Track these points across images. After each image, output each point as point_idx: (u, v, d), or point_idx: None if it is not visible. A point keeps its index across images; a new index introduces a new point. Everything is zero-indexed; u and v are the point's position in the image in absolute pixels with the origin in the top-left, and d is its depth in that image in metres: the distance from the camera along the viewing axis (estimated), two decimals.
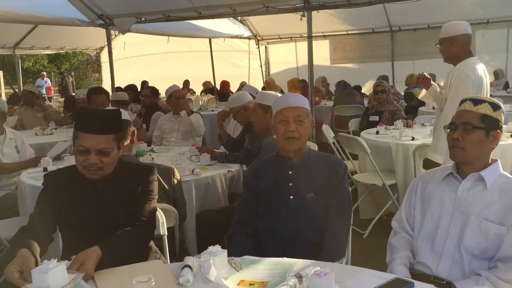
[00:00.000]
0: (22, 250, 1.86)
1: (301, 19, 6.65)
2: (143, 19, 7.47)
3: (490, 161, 2.11)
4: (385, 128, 5.21)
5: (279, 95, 3.34)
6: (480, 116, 2.05)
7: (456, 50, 3.65)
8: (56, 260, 1.67)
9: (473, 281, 1.94)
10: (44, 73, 19.65)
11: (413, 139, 4.52)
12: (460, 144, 2.06)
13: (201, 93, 13.26)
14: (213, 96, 11.87)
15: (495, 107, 2.07)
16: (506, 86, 10.48)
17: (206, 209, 3.42)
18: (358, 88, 9.89)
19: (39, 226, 2.12)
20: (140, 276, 1.56)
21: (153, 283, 1.55)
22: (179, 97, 5.12)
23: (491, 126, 2.06)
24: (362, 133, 5.12)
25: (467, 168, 2.11)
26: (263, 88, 10.90)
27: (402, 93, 10.16)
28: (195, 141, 5.06)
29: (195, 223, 3.32)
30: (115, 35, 10.77)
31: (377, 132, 5.00)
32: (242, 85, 11.89)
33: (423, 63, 11.49)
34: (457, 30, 3.66)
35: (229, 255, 1.93)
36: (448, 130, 2.13)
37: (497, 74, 10.95)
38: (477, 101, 2.08)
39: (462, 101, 2.14)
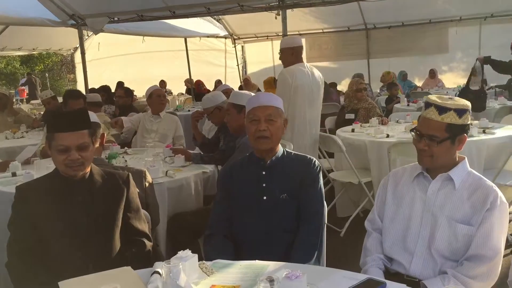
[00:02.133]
0: None
1: (275, 18, 6.66)
2: (116, 19, 7.36)
3: (457, 159, 2.11)
4: (361, 125, 5.23)
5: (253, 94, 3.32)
6: (445, 126, 2.01)
7: (294, 58, 4.44)
8: None
9: (439, 279, 1.95)
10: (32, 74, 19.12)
11: (388, 136, 4.54)
12: (427, 152, 2.05)
13: (185, 92, 13.12)
14: (190, 96, 11.79)
15: (461, 113, 2.01)
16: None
17: (181, 211, 3.37)
18: (334, 85, 9.91)
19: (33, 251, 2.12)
20: (105, 285, 1.51)
21: None
22: (159, 95, 5.05)
23: (457, 133, 2.03)
24: (337, 131, 5.13)
25: (435, 169, 2.11)
26: (240, 87, 10.87)
27: (378, 90, 10.25)
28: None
29: (169, 226, 3.26)
30: (88, 36, 10.60)
31: (353, 130, 5.01)
32: (217, 82, 11.86)
33: (398, 60, 11.62)
34: (295, 42, 4.50)
35: (206, 256, 1.91)
36: (413, 134, 2.12)
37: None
38: (442, 109, 2.00)
39: (427, 105, 2.07)
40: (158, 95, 5.00)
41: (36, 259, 2.12)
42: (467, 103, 2.05)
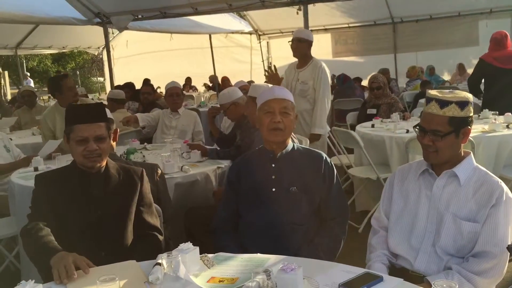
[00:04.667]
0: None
1: (297, 13, 6.63)
2: (140, 16, 7.47)
3: (462, 153, 2.08)
4: (381, 121, 5.17)
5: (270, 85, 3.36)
6: (447, 120, 1.98)
7: (309, 51, 4.82)
8: (33, 281, 1.67)
9: (444, 275, 1.92)
10: (28, 73, 19.29)
11: (407, 131, 4.46)
12: (432, 148, 2.03)
13: (208, 88, 13.22)
14: (215, 93, 11.87)
15: (463, 105, 1.98)
16: None
17: (195, 206, 3.41)
18: (358, 80, 9.80)
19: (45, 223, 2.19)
20: (104, 276, 1.56)
21: (117, 282, 1.55)
22: (172, 94, 5.09)
23: (460, 126, 2.00)
24: (357, 127, 5.08)
25: (440, 164, 2.09)
26: None
27: (404, 85, 10.08)
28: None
29: (183, 220, 3.31)
30: (114, 34, 10.76)
31: (373, 125, 4.96)
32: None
33: (426, 54, 11.39)
34: (312, 37, 4.85)
35: (216, 250, 1.96)
36: (417, 131, 2.09)
37: None
38: (443, 103, 1.98)
39: (428, 100, 2.04)
40: (171, 94, 5.04)
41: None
42: (468, 95, 2.02)
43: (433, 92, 2.06)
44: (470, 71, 11.25)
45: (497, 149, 4.03)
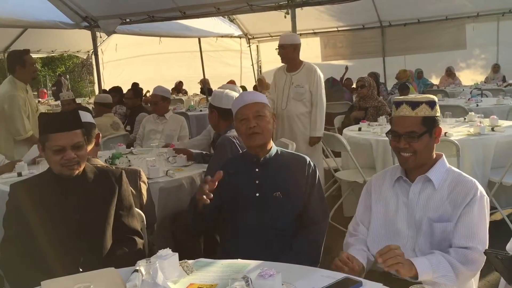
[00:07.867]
0: None
1: (285, 17, 6.64)
2: (127, 20, 7.45)
3: (435, 156, 2.11)
4: (368, 124, 5.19)
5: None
6: (421, 120, 2.02)
7: (296, 54, 4.77)
8: None
9: (427, 258, 1.92)
10: None
11: None
12: (409, 150, 2.04)
13: (200, 92, 13.21)
14: (204, 96, 11.86)
15: (432, 104, 2.03)
16: (504, 80, 10.47)
17: (181, 210, 3.39)
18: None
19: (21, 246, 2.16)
20: (79, 284, 1.54)
21: None
22: (151, 102, 5.10)
23: (432, 125, 2.04)
24: (344, 130, 5.10)
25: (414, 170, 2.10)
26: (255, 87, 10.88)
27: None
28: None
29: (168, 225, 3.29)
30: (103, 38, 10.71)
31: (360, 129, 4.97)
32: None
33: (414, 57, 11.48)
34: (297, 40, 4.80)
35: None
36: (390, 136, 2.10)
37: (497, 68, 10.95)
38: (414, 104, 2.02)
39: (398, 104, 2.06)
40: (150, 101, 5.08)
41: (28, 257, 2.16)
42: (433, 96, 2.07)
43: (400, 97, 2.10)
44: (458, 74, 11.41)
45: (483, 151, 4.05)
